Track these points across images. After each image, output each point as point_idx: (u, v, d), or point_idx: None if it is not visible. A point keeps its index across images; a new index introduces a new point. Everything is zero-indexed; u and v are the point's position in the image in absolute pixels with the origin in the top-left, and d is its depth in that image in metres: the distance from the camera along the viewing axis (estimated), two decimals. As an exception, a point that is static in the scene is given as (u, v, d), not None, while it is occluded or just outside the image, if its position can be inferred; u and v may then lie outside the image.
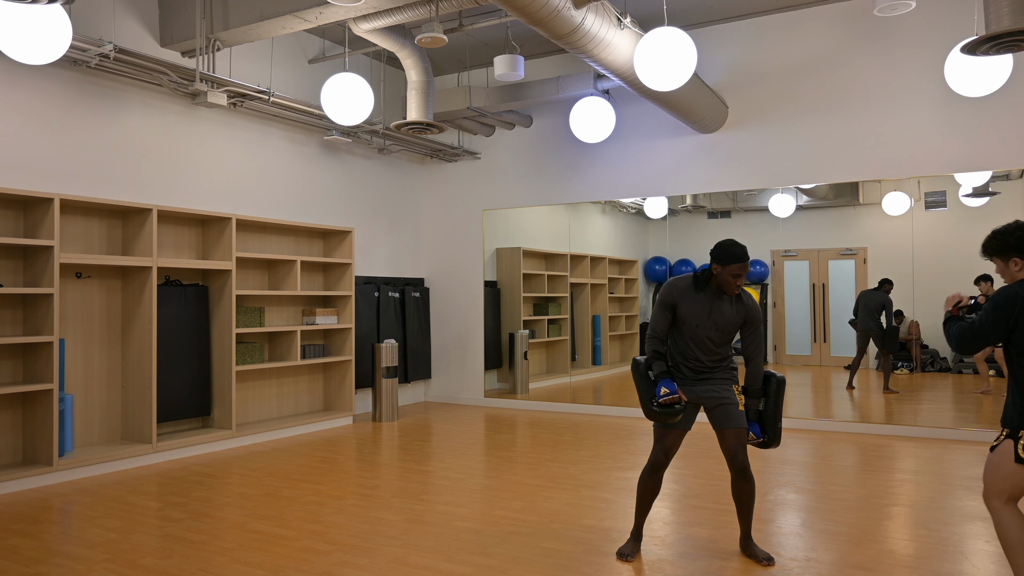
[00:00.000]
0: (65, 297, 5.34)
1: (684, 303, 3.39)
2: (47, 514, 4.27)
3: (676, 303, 3.41)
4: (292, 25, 5.43)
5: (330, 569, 3.36)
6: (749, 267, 3.31)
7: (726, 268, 3.29)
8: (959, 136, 6.32)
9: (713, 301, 3.37)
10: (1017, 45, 3.66)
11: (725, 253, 3.29)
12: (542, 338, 8.57)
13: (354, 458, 5.73)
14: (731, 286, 3.32)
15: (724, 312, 3.36)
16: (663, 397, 3.32)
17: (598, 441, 6.25)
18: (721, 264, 3.30)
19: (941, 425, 6.30)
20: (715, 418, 3.41)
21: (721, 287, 3.35)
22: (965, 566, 3.32)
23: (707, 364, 3.42)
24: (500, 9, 6.20)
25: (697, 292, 3.39)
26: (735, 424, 3.36)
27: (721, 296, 3.38)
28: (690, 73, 4.52)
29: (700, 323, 3.36)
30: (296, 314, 7.16)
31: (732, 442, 3.36)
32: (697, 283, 3.40)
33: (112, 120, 5.68)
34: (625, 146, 7.80)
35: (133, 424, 5.61)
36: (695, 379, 3.44)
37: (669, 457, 3.44)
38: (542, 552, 3.56)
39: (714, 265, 3.34)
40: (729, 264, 3.28)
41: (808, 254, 7.17)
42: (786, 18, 7.01)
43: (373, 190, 8.23)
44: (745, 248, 3.31)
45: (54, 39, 4.15)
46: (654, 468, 3.46)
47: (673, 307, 3.43)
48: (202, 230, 6.31)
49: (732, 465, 3.37)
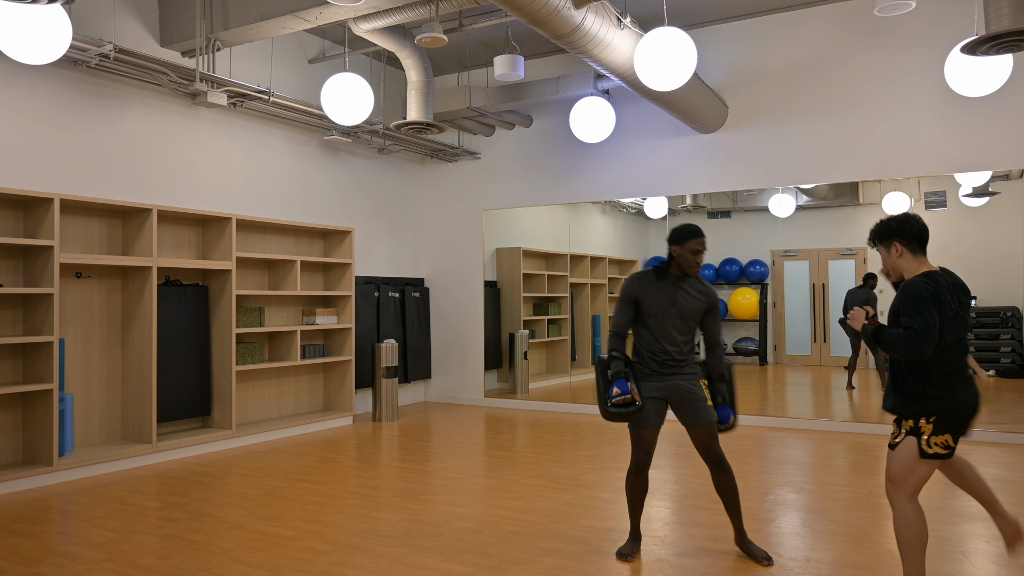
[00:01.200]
0: (65, 297, 5.34)
1: (647, 294, 3.45)
2: (47, 514, 4.27)
3: (639, 296, 3.46)
4: (292, 25, 5.43)
5: (330, 569, 3.36)
6: (706, 243, 3.46)
7: (685, 246, 3.38)
8: (959, 136, 6.32)
9: (676, 288, 3.44)
10: (1017, 45, 3.66)
11: (682, 231, 3.40)
12: (542, 338, 8.57)
13: (354, 458, 5.73)
14: (692, 264, 3.40)
15: (687, 298, 3.43)
16: (615, 398, 3.35)
17: (598, 441, 6.25)
18: (679, 243, 3.40)
19: (941, 425, 6.29)
20: (684, 414, 3.44)
21: (683, 269, 3.43)
22: (965, 566, 3.32)
23: (675, 357, 3.44)
24: (500, 9, 6.20)
25: (659, 281, 3.46)
26: (705, 420, 3.40)
27: (683, 281, 3.45)
28: (690, 73, 4.52)
29: (665, 312, 3.41)
30: (296, 314, 7.16)
31: (705, 438, 3.40)
32: (658, 273, 3.47)
33: (112, 120, 5.68)
34: (625, 146, 7.80)
35: (133, 424, 5.61)
36: (663, 374, 3.45)
37: (650, 456, 3.47)
38: (542, 552, 3.56)
39: (673, 247, 3.43)
40: (687, 241, 3.38)
41: (808, 254, 7.17)
42: (786, 18, 7.01)
43: (373, 190, 8.23)
44: (699, 226, 3.42)
45: (54, 39, 4.15)
46: (638, 469, 3.48)
47: (636, 301, 3.48)
48: (202, 230, 6.31)
49: (709, 459, 3.41)
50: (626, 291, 3.50)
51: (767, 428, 6.74)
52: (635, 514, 3.53)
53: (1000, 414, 6.24)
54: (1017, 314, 6.30)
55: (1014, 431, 6.00)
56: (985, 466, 5.19)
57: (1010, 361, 6.49)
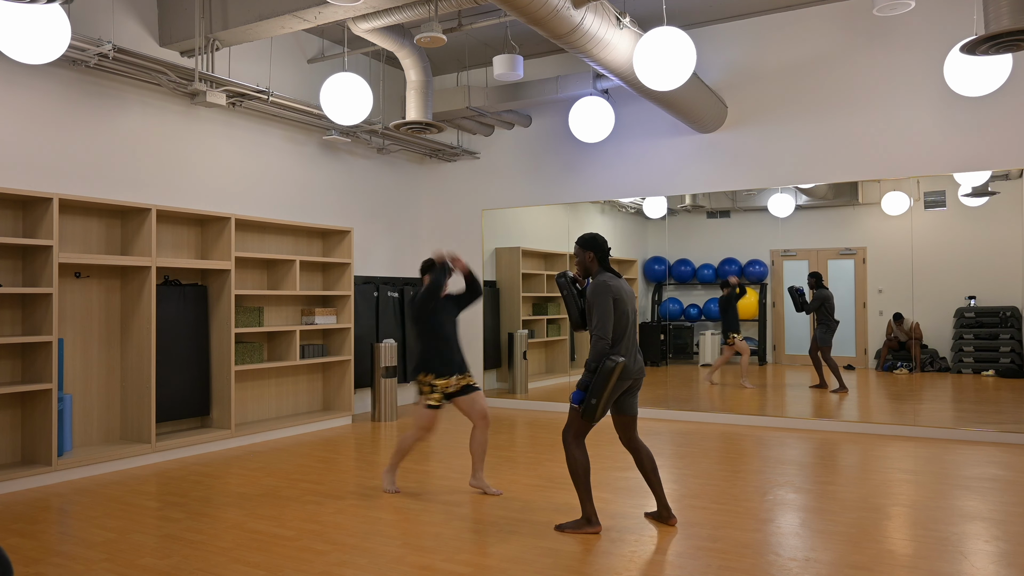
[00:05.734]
0: (64, 297, 5.33)
1: (621, 297, 3.78)
2: (46, 514, 4.27)
3: (617, 297, 3.78)
4: (291, 25, 5.42)
5: (329, 569, 3.36)
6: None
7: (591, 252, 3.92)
8: (958, 136, 6.32)
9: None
10: (1016, 45, 3.66)
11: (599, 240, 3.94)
12: (541, 338, 8.57)
13: (353, 458, 5.72)
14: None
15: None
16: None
17: (598, 441, 6.25)
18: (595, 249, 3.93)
19: (940, 425, 6.30)
20: (628, 404, 3.89)
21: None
22: (964, 566, 3.32)
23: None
24: (499, 9, 6.20)
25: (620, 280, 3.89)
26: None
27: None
28: (689, 73, 4.52)
29: (632, 310, 3.83)
30: (295, 314, 7.16)
31: (634, 424, 3.91)
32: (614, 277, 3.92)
33: (111, 120, 5.68)
34: (624, 146, 7.80)
35: (132, 424, 5.61)
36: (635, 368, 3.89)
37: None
38: (542, 552, 3.55)
39: (589, 253, 3.92)
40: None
41: (807, 254, 7.18)
42: (785, 18, 7.02)
43: (372, 190, 8.23)
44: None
45: (53, 39, 4.14)
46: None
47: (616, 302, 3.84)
48: (201, 230, 6.31)
49: (633, 443, 3.88)
50: (610, 294, 3.88)
51: (767, 428, 6.74)
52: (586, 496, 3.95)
53: (1000, 414, 6.24)
54: (1016, 314, 6.31)
55: (1014, 431, 6.01)
56: (985, 466, 5.20)
57: (1009, 361, 6.50)
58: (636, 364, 3.84)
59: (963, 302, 6.51)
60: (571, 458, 3.81)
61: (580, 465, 3.80)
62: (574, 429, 3.82)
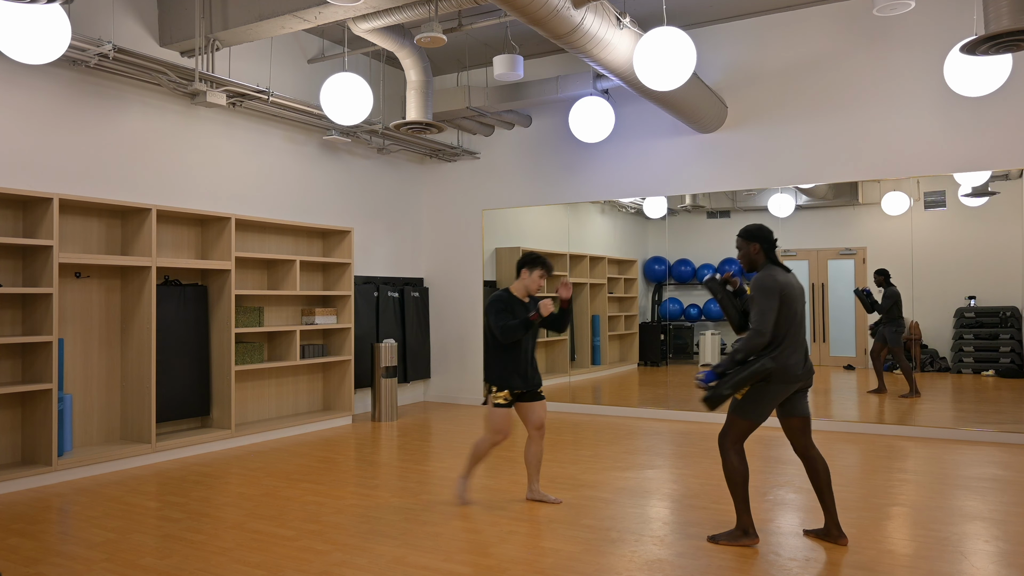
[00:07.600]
0: (64, 297, 5.33)
1: (791, 295, 3.61)
2: (46, 514, 4.27)
3: (786, 294, 3.59)
4: (291, 25, 5.42)
5: (329, 569, 3.36)
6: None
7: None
8: (958, 136, 6.32)
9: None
10: (1016, 45, 3.66)
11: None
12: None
13: (353, 458, 5.72)
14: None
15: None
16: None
17: (597, 441, 6.25)
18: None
19: (941, 425, 6.30)
20: (799, 406, 3.72)
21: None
22: (964, 566, 3.32)
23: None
24: (499, 9, 6.20)
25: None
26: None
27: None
28: (689, 73, 4.52)
29: (802, 309, 3.70)
30: (295, 314, 7.16)
31: (808, 428, 3.73)
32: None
33: (111, 120, 5.68)
34: (624, 146, 7.80)
35: (132, 424, 5.61)
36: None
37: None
38: (542, 552, 3.55)
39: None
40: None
41: (807, 254, 7.18)
42: (785, 18, 7.02)
43: (372, 190, 8.23)
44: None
45: (53, 39, 4.14)
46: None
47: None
48: (201, 230, 6.31)
49: (808, 452, 3.67)
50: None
51: (767, 428, 6.74)
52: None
53: (1000, 414, 6.24)
54: (1016, 314, 6.31)
55: (1014, 431, 6.01)
56: (984, 466, 5.20)
57: (1009, 361, 6.49)
58: (805, 366, 3.58)
59: (963, 302, 6.51)
60: (729, 465, 3.59)
61: (738, 473, 3.58)
62: (732, 434, 3.61)
